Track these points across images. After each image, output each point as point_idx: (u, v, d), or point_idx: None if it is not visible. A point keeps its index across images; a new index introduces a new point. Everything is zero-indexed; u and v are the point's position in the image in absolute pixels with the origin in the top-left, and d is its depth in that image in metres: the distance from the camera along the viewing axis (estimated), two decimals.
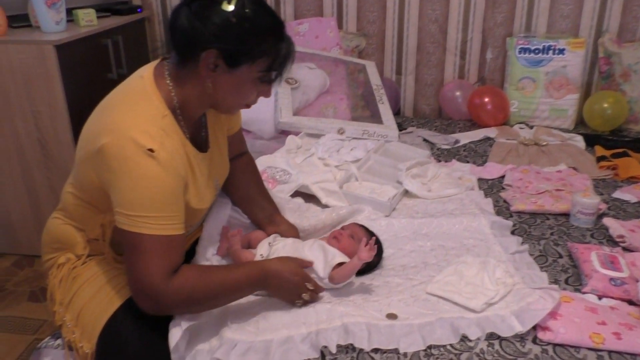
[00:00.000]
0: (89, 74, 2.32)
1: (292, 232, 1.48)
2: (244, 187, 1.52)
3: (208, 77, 1.12)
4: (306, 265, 1.30)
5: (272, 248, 1.38)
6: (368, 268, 1.40)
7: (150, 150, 1.06)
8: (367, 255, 1.26)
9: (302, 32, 2.68)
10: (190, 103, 1.17)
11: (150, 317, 1.14)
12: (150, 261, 1.07)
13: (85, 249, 1.27)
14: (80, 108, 2.22)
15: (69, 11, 2.33)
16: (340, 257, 1.32)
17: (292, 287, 1.23)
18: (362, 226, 1.49)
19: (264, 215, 1.50)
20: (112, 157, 1.06)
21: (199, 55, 1.09)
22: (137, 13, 2.78)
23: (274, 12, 1.16)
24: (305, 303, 1.25)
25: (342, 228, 1.47)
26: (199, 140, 1.27)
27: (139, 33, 2.83)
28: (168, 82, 1.15)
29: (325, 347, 1.13)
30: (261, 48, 1.11)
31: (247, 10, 1.08)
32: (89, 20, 2.38)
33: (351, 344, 1.14)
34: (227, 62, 1.10)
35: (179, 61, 1.15)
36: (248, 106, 1.24)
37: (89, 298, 1.21)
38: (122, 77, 2.48)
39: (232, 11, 1.07)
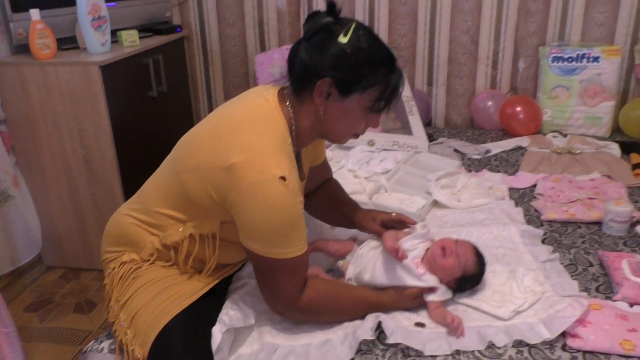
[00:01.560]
0: (131, 92, 2.44)
1: (369, 216, 1.48)
2: (331, 207, 1.56)
3: (321, 105, 1.19)
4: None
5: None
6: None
7: (283, 178, 1.10)
8: (454, 331, 1.23)
9: None
10: (304, 131, 1.24)
11: (201, 333, 1.18)
12: (282, 282, 1.17)
13: (153, 255, 1.29)
14: (123, 125, 2.34)
15: (114, 32, 2.45)
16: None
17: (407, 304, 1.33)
18: (475, 250, 1.37)
19: (345, 220, 1.52)
20: (245, 180, 1.09)
21: (315, 83, 1.16)
22: (177, 32, 2.90)
23: (387, 46, 1.22)
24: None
25: (456, 242, 1.36)
26: (299, 171, 1.34)
27: (178, 51, 2.95)
28: (288, 106, 1.22)
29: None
30: (373, 78, 1.17)
31: (362, 43, 1.15)
32: (132, 41, 2.50)
33: (384, 336, 1.20)
34: (340, 90, 1.17)
35: (296, 90, 1.22)
36: (357, 136, 1.29)
37: (145, 302, 1.23)
38: (161, 95, 2.65)
39: (347, 43, 1.14)
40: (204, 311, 1.24)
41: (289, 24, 2.92)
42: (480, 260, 1.35)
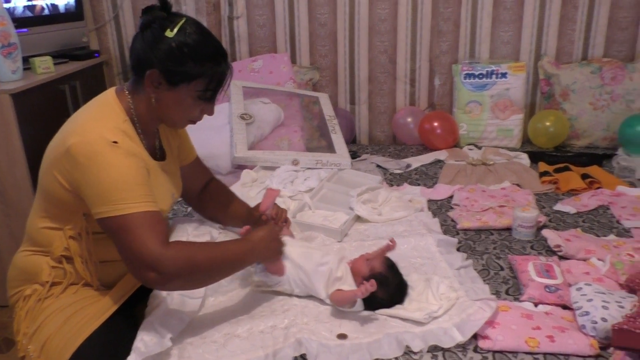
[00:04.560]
0: (47, 119, 2.36)
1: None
2: (223, 207, 1.66)
3: (152, 93, 1.29)
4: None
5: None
6: (383, 303, 1.39)
7: (115, 142, 1.20)
8: (361, 293, 1.31)
9: (256, 69, 2.78)
10: (144, 115, 1.33)
11: (115, 352, 1.18)
12: (143, 235, 1.16)
13: (50, 275, 1.32)
14: (38, 154, 2.24)
15: (26, 59, 2.38)
16: (342, 286, 1.39)
17: (276, 244, 1.42)
18: (388, 261, 1.45)
19: (240, 220, 1.61)
20: (81, 154, 1.18)
21: (145, 73, 1.25)
22: (95, 58, 2.85)
23: (216, 42, 1.31)
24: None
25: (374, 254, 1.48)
26: (154, 151, 1.41)
27: (97, 77, 2.89)
28: (127, 95, 1.32)
29: None
30: (198, 70, 1.26)
31: (187, 38, 1.25)
32: (46, 68, 2.43)
33: (304, 354, 1.21)
34: (167, 80, 1.26)
35: (134, 79, 1.32)
36: (193, 122, 1.39)
37: (56, 329, 1.24)
38: None
39: (174, 38, 1.24)
40: (120, 330, 1.25)
41: None
42: (390, 265, 1.43)
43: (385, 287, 1.37)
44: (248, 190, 2.03)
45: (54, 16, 2.70)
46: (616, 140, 2.60)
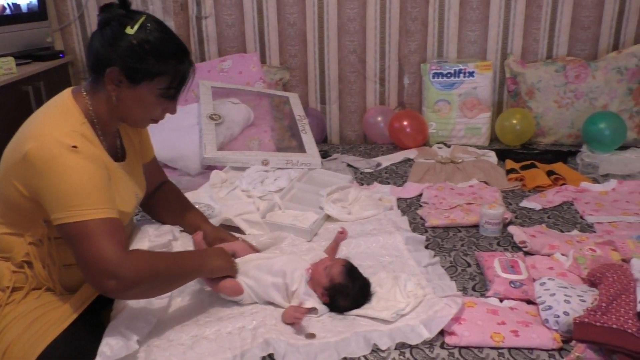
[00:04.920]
0: (9, 121, 2.29)
1: (215, 234, 1.61)
2: (172, 212, 1.64)
3: (113, 91, 1.26)
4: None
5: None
6: (348, 308, 1.39)
7: (74, 147, 1.17)
8: (298, 328, 1.31)
9: (225, 69, 2.76)
10: (103, 116, 1.30)
11: (81, 357, 1.17)
12: (101, 242, 1.14)
13: (11, 280, 1.28)
14: (1, 157, 2.20)
15: None
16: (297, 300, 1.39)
17: (229, 259, 1.43)
18: (346, 268, 1.42)
19: (193, 230, 1.61)
20: (39, 160, 1.15)
21: (105, 71, 1.23)
22: (60, 58, 2.79)
23: (177, 39, 1.30)
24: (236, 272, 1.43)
25: (332, 260, 1.47)
26: (114, 153, 1.39)
27: (63, 78, 2.83)
28: (85, 96, 1.28)
29: None
30: (160, 68, 1.25)
31: (148, 35, 1.23)
32: (8, 69, 2.37)
33: (272, 354, 1.21)
34: (129, 78, 1.24)
35: (93, 79, 1.29)
36: (155, 121, 1.37)
37: (17, 336, 1.21)
38: None
39: (134, 35, 1.22)
40: (84, 335, 1.23)
41: None
42: (348, 272, 1.40)
43: (346, 296, 1.38)
44: (217, 191, 2.02)
45: (16, 16, 2.64)
46: (580, 137, 2.66)
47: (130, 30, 1.22)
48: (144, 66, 1.23)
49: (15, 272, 1.29)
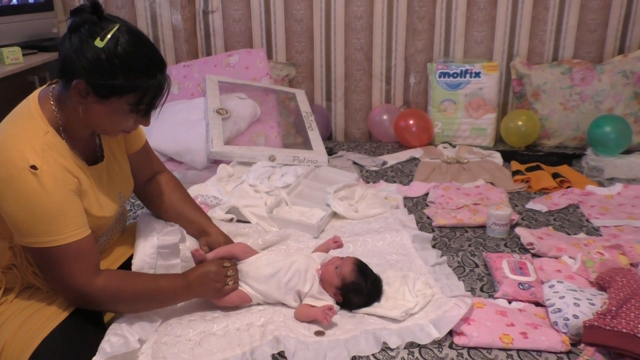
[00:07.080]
0: None
1: (222, 239, 1.51)
2: (172, 206, 1.53)
3: (79, 103, 1.16)
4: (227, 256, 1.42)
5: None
6: (360, 305, 1.40)
7: (33, 167, 1.11)
8: (323, 319, 1.30)
9: (232, 64, 2.75)
10: (73, 123, 1.21)
11: (76, 349, 1.16)
12: (65, 268, 1.14)
13: (2, 281, 1.27)
14: None
15: None
16: (310, 300, 1.38)
17: (214, 284, 1.35)
18: (357, 265, 1.42)
19: (195, 229, 1.53)
20: None
21: (72, 82, 1.13)
22: None
23: (152, 52, 1.18)
24: (232, 290, 1.38)
25: (342, 259, 1.45)
26: (92, 154, 1.31)
27: None
28: (52, 103, 1.20)
29: None
30: (129, 85, 1.14)
31: (118, 49, 1.12)
32: (14, 59, 2.37)
33: (282, 352, 1.21)
34: (96, 93, 1.14)
35: (62, 84, 1.19)
36: (127, 132, 1.28)
37: (11, 334, 1.20)
38: None
39: (103, 48, 1.11)
40: (82, 328, 1.22)
41: (185, 41, 2.90)
42: (359, 270, 1.40)
43: (360, 293, 1.38)
44: (225, 185, 2.02)
45: (22, 6, 2.63)
46: (585, 140, 2.66)
47: (99, 43, 1.11)
48: (112, 82, 1.13)
49: (5, 272, 1.27)
